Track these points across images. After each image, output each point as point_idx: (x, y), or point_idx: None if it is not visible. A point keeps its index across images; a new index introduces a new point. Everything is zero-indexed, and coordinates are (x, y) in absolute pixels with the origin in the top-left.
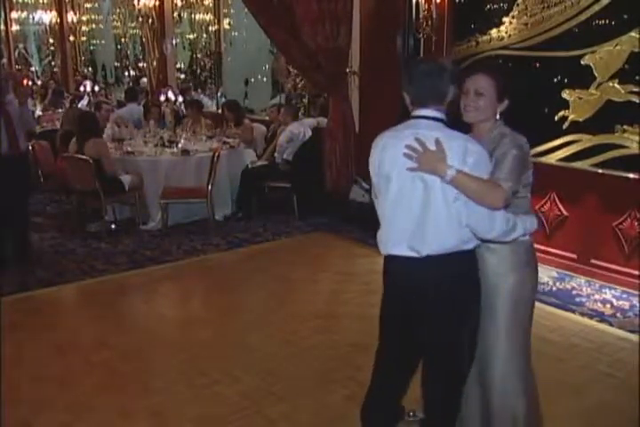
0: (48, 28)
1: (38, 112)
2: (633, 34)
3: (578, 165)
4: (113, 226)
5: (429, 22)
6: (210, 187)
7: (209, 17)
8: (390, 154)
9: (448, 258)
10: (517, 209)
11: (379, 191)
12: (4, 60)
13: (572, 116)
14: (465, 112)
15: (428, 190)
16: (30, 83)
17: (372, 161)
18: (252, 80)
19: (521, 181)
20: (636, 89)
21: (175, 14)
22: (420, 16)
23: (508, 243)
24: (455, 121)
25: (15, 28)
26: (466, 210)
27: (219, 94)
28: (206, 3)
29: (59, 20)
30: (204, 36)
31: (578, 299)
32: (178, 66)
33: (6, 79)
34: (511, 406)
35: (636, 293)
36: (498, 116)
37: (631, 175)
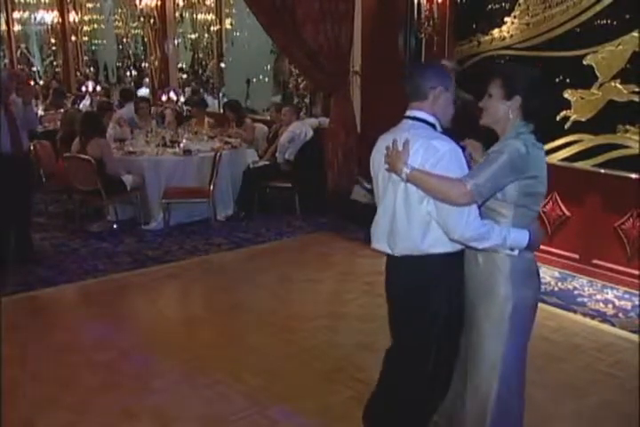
0: (50, 28)
1: (40, 112)
2: (635, 34)
3: (580, 165)
4: (115, 226)
5: (431, 22)
6: (212, 187)
7: (211, 17)
8: (377, 156)
9: (420, 260)
10: (509, 220)
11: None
12: (7, 61)
13: (573, 117)
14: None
15: (396, 193)
16: (32, 83)
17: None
18: (254, 80)
19: (518, 187)
20: (637, 89)
21: (177, 14)
22: (422, 16)
23: (492, 253)
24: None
25: (17, 27)
26: (435, 209)
27: (220, 94)
28: (208, 3)
29: (61, 20)
30: (206, 36)
31: (580, 299)
32: (179, 66)
33: (10, 79)
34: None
35: (638, 293)
36: (512, 117)
37: (633, 175)
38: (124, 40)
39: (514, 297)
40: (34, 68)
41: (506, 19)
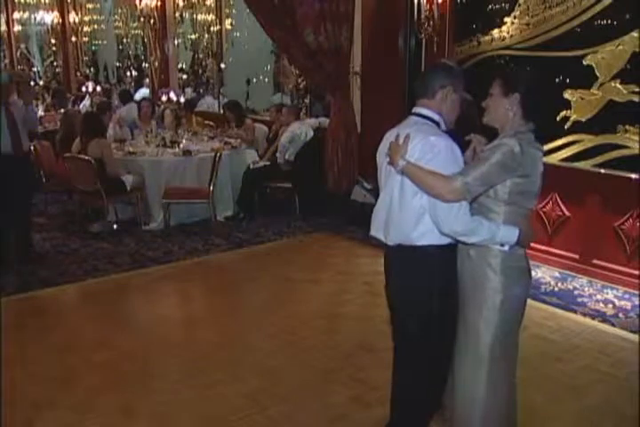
0: (50, 28)
1: (40, 112)
2: (635, 34)
3: (580, 165)
4: (115, 226)
5: (431, 22)
6: (212, 187)
7: (211, 17)
8: (382, 149)
9: (412, 253)
10: (500, 217)
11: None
12: (7, 61)
13: (573, 117)
14: None
15: (393, 184)
16: (33, 83)
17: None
18: (254, 80)
19: (508, 186)
20: (637, 89)
21: (177, 15)
22: (422, 16)
23: (484, 248)
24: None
25: (17, 28)
26: (428, 202)
27: (220, 95)
28: (208, 3)
29: (61, 21)
30: (206, 36)
31: (580, 299)
32: (179, 66)
33: (11, 80)
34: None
35: (638, 293)
36: (511, 114)
37: (633, 176)
38: (124, 40)
39: (503, 291)
40: (34, 69)
41: (506, 19)
